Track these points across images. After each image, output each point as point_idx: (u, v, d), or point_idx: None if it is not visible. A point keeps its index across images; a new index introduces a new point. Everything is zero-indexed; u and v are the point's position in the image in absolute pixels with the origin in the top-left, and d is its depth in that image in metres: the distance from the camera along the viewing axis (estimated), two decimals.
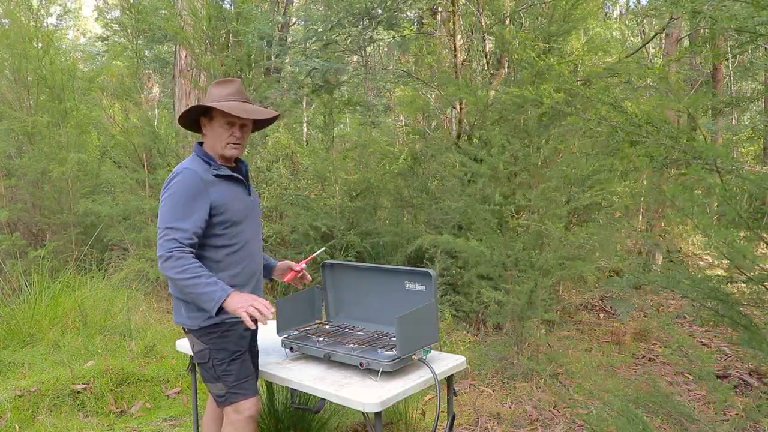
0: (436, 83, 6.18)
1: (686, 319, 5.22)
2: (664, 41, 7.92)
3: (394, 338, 2.24)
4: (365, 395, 1.89)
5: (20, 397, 3.30)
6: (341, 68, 8.22)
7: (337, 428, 3.02)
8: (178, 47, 6.51)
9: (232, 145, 2.08)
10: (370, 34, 7.04)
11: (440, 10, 7.40)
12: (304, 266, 2.40)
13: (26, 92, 6.25)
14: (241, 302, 1.90)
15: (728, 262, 2.06)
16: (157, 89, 11.76)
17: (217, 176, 2.04)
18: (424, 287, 2.24)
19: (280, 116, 2.37)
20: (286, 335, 2.37)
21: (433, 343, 2.15)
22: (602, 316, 5.35)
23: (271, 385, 2.85)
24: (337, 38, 7.11)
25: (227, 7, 5.96)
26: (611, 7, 11.68)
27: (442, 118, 6.63)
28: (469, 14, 6.25)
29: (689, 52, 7.25)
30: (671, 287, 2.25)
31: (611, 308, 5.47)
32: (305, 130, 10.62)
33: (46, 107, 6.23)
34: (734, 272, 2.12)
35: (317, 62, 7.15)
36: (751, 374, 3.89)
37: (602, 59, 5.52)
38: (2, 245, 5.40)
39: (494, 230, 4.02)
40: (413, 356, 2.07)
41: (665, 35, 7.43)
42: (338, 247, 5.29)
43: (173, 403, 3.52)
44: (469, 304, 4.48)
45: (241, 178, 2.14)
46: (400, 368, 2.05)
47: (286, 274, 2.39)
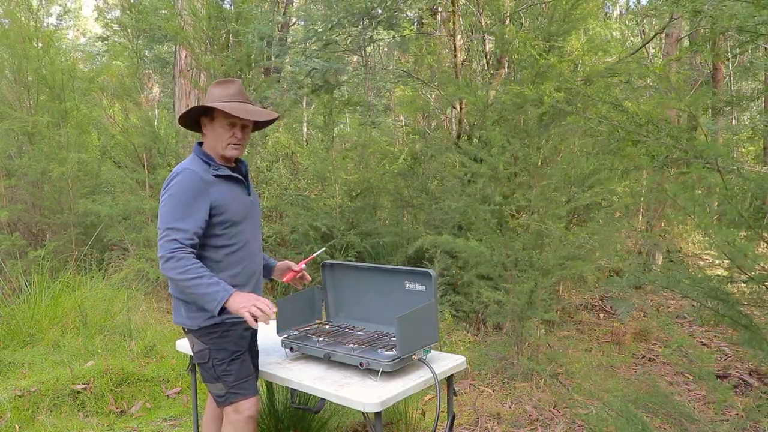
0: (436, 83, 6.18)
1: (686, 319, 5.22)
2: (664, 41, 7.92)
3: (394, 338, 2.24)
4: (365, 395, 1.89)
5: (20, 397, 3.30)
6: (341, 68, 8.22)
7: (337, 428, 3.02)
8: (178, 47, 6.51)
9: (233, 145, 2.08)
10: (370, 34, 7.05)
11: (440, 10, 7.40)
12: (303, 266, 2.40)
13: (26, 92, 6.25)
14: (243, 302, 1.90)
15: (729, 261, 2.06)
16: (157, 89, 11.77)
17: (216, 176, 2.04)
18: (424, 287, 2.24)
19: (280, 117, 2.37)
20: (286, 335, 2.36)
21: (433, 343, 2.15)
22: (602, 316, 5.35)
23: (271, 385, 2.85)
24: (337, 38, 7.11)
25: (227, 7, 5.96)
26: (611, 7, 11.68)
27: (442, 118, 6.63)
28: (469, 14, 6.25)
29: (689, 51, 7.25)
30: (671, 287, 2.25)
31: (611, 308, 5.47)
32: (305, 130, 10.63)
33: (46, 107, 6.23)
34: (735, 272, 2.12)
35: (317, 62, 7.15)
36: (751, 374, 3.89)
37: (602, 59, 5.51)
38: (2, 245, 5.40)
39: (494, 230, 4.02)
40: (413, 356, 2.07)
41: (665, 35, 7.43)
42: (338, 247, 5.28)
43: (173, 403, 3.51)
44: (469, 304, 4.48)
45: (240, 178, 2.14)
46: (400, 368, 2.05)
47: (285, 274, 2.39)
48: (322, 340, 2.31)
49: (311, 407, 2.31)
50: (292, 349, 2.30)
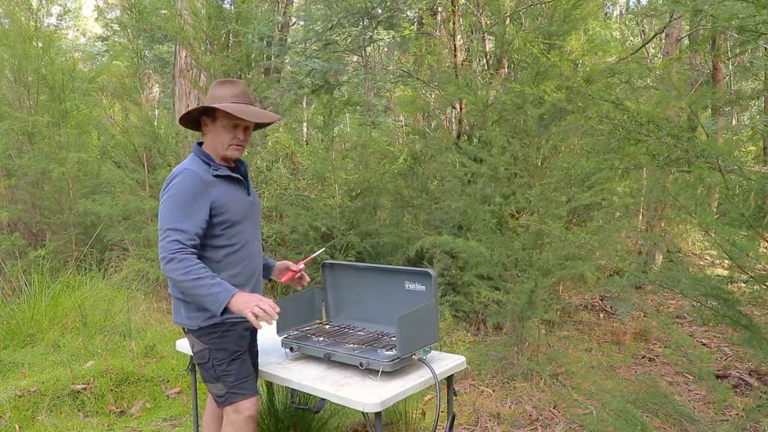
0: (436, 83, 6.18)
1: (686, 319, 5.22)
2: (664, 41, 7.92)
3: (394, 338, 2.23)
4: (365, 395, 1.89)
5: (20, 397, 3.29)
6: (341, 69, 8.23)
7: (337, 428, 3.02)
8: (178, 47, 6.51)
9: (234, 146, 2.08)
10: (370, 34, 7.05)
11: (440, 10, 7.40)
12: (302, 267, 2.39)
13: (26, 92, 6.25)
14: (246, 303, 1.90)
15: (729, 261, 2.06)
16: (157, 89, 11.78)
17: (216, 176, 2.04)
18: (424, 287, 2.24)
19: (281, 118, 2.38)
20: (286, 335, 2.36)
21: (433, 343, 2.15)
22: (602, 316, 5.35)
23: (271, 385, 2.85)
24: (337, 38, 7.11)
25: (227, 7, 5.96)
26: (611, 7, 11.68)
27: (442, 118, 6.63)
28: (469, 14, 6.25)
29: (690, 51, 7.25)
30: (671, 287, 2.25)
31: (611, 308, 5.47)
32: (305, 130, 10.63)
33: (46, 107, 6.23)
34: (735, 271, 2.12)
35: (317, 63, 7.16)
36: (751, 374, 3.89)
37: (602, 59, 5.51)
38: (2, 245, 5.40)
39: (494, 230, 4.02)
40: (413, 356, 2.07)
41: (665, 35, 7.43)
42: (338, 247, 5.28)
43: (173, 403, 3.51)
44: (469, 304, 4.48)
45: (240, 178, 2.14)
46: (400, 368, 2.04)
47: (283, 274, 2.39)
48: (322, 340, 2.31)
49: (311, 407, 2.31)
50: (292, 349, 2.30)
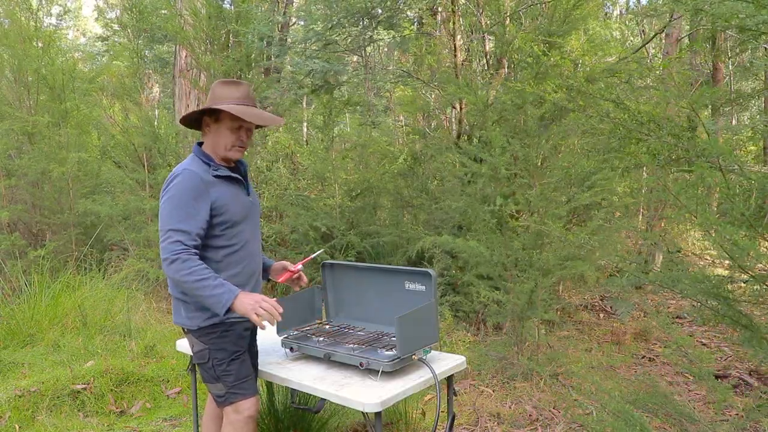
0: (436, 83, 6.18)
1: (686, 319, 5.22)
2: (664, 41, 7.91)
3: (394, 338, 2.23)
4: (365, 395, 1.89)
5: (20, 397, 3.29)
6: (341, 69, 8.23)
7: (337, 428, 3.02)
8: (178, 47, 6.51)
9: (237, 148, 2.09)
10: (370, 34, 7.05)
11: (440, 10, 7.39)
12: (300, 268, 2.37)
13: (26, 92, 6.25)
14: (249, 304, 1.91)
15: (729, 261, 2.06)
16: (157, 89, 11.78)
17: (216, 177, 2.04)
18: (424, 287, 2.24)
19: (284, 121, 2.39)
20: (286, 335, 2.36)
21: (433, 343, 2.15)
22: (602, 316, 5.35)
23: (271, 385, 2.85)
24: (337, 38, 7.11)
25: (227, 7, 5.96)
26: (611, 7, 11.68)
27: (442, 118, 6.63)
28: (469, 14, 6.25)
29: (690, 50, 7.25)
30: (671, 287, 2.25)
31: (611, 308, 5.47)
32: (305, 130, 10.63)
33: (46, 107, 6.23)
34: (736, 271, 2.12)
35: (317, 63, 7.16)
36: (751, 374, 3.89)
37: (602, 59, 5.51)
38: (2, 245, 5.40)
39: (494, 230, 4.02)
40: (413, 356, 2.07)
41: (665, 35, 7.43)
42: (338, 247, 5.28)
43: (173, 403, 3.51)
44: (469, 304, 4.48)
45: (240, 178, 2.14)
46: (400, 368, 2.04)
47: (281, 274, 2.38)
48: (322, 340, 2.31)
49: (311, 407, 2.31)
50: (292, 349, 2.30)
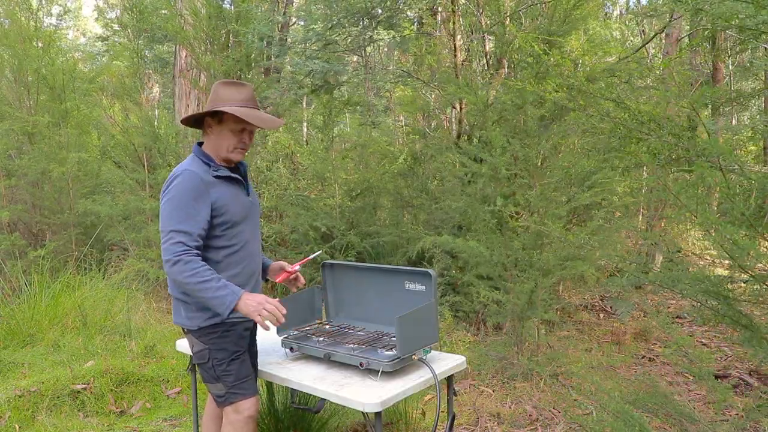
0: (436, 83, 6.18)
1: (686, 319, 5.22)
2: (664, 41, 7.92)
3: (394, 338, 2.23)
4: (365, 395, 1.89)
5: (20, 397, 3.29)
6: (341, 69, 8.23)
7: (337, 428, 3.02)
8: (178, 47, 6.51)
9: (239, 150, 2.09)
10: (370, 34, 7.05)
11: (440, 10, 7.40)
12: (297, 268, 2.36)
13: (26, 92, 6.25)
14: (253, 305, 1.91)
15: (729, 261, 2.06)
16: (157, 89, 11.78)
17: (216, 177, 2.04)
18: (424, 287, 2.24)
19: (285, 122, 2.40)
20: (286, 335, 2.36)
21: (433, 343, 2.15)
22: (602, 316, 5.35)
23: (271, 385, 2.85)
24: (337, 38, 7.12)
25: (227, 7, 5.96)
26: (611, 7, 11.68)
27: (442, 118, 6.63)
28: (469, 14, 6.25)
29: (690, 50, 7.25)
30: (671, 287, 2.25)
31: (611, 308, 5.47)
32: (305, 130, 10.63)
33: (46, 107, 6.23)
34: (736, 271, 2.12)
35: (317, 63, 7.16)
36: (751, 374, 3.89)
37: (602, 59, 5.51)
38: (2, 245, 5.40)
39: (494, 230, 4.02)
40: (413, 356, 2.07)
41: (665, 35, 7.43)
42: (338, 247, 5.28)
43: (173, 403, 3.51)
44: (469, 304, 4.48)
45: (240, 178, 2.14)
46: (400, 368, 2.05)
47: (278, 274, 2.37)
48: (322, 340, 2.31)
49: (311, 407, 2.31)
50: (292, 349, 2.30)
